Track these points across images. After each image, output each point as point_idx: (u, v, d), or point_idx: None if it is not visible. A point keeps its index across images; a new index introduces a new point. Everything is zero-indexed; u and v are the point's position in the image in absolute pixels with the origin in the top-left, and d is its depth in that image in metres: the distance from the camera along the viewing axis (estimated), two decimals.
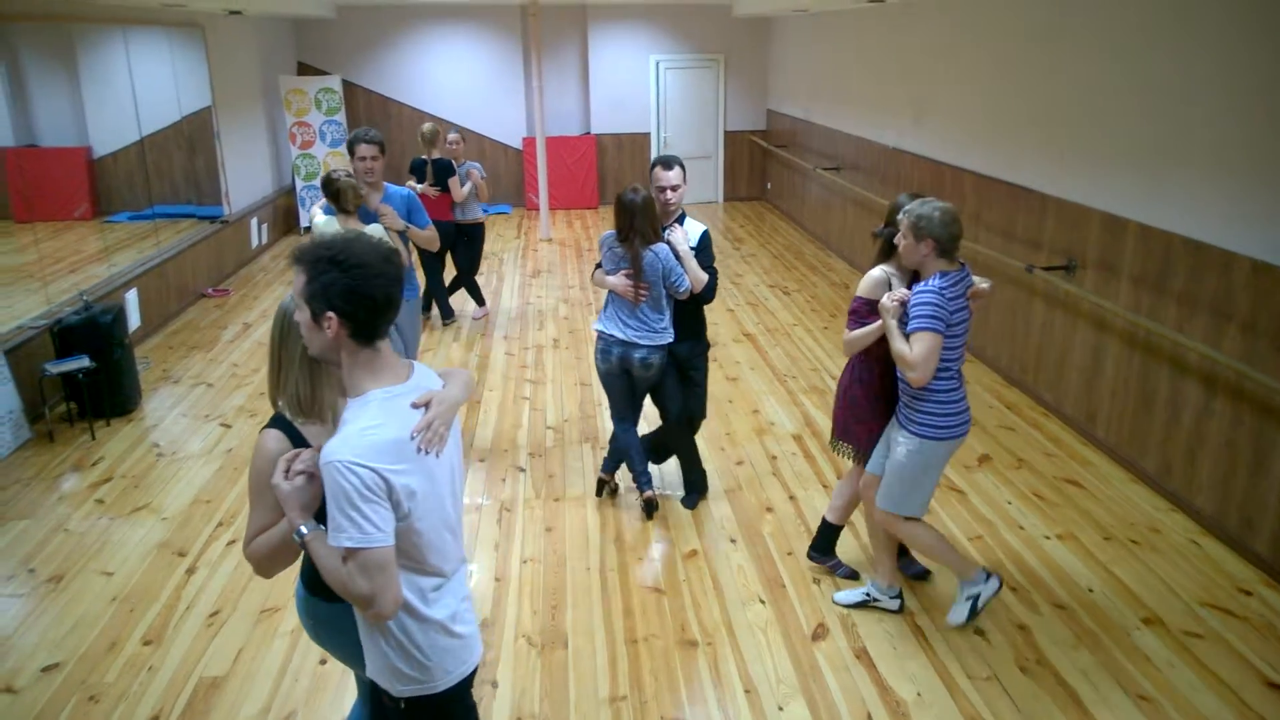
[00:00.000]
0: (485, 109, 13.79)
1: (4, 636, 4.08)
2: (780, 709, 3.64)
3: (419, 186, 7.93)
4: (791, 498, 5.27)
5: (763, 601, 4.33)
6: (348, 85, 13.25)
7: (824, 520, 4.51)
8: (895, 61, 9.07)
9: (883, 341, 3.87)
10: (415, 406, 2.21)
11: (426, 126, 8.13)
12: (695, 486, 5.27)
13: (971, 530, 4.91)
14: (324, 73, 13.17)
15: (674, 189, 4.73)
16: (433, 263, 8.21)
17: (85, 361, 6.06)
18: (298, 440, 2.33)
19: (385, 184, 5.60)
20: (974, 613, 4.03)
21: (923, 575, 4.50)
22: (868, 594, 4.25)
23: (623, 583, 4.48)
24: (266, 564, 2.36)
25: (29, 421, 6.05)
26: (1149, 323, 5.15)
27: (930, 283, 3.72)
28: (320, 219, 5.36)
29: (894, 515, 3.98)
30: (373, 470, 2.05)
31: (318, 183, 5.39)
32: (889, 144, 9.22)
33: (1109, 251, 5.60)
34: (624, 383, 4.95)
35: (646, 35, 13.72)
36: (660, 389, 4.96)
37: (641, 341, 4.77)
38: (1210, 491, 4.86)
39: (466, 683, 2.43)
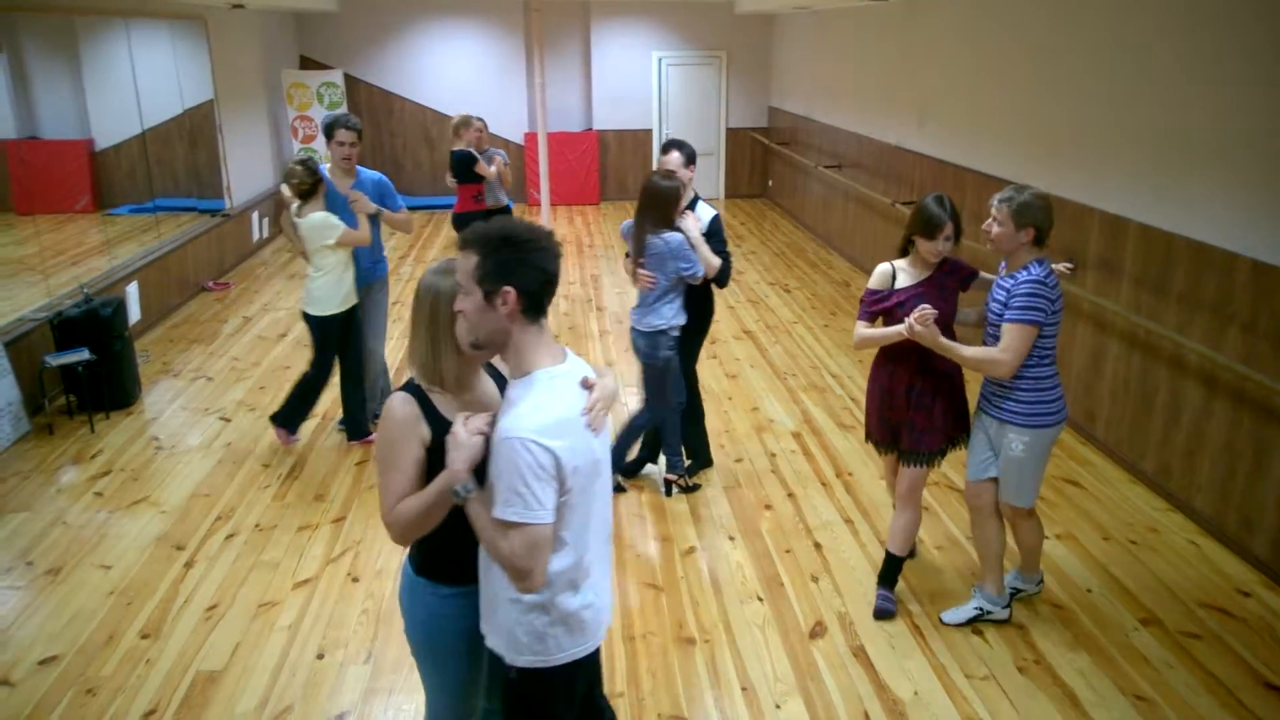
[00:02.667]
0: (487, 104, 13.70)
1: (1, 629, 4.08)
2: (778, 707, 3.64)
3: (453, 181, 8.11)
4: (790, 495, 5.26)
5: (761, 599, 4.32)
6: (350, 79, 13.25)
7: (888, 554, 4.25)
8: (898, 60, 9.06)
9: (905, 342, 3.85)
10: (585, 386, 2.30)
11: (456, 117, 8.18)
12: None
13: (970, 531, 4.89)
14: (326, 67, 13.17)
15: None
16: None
17: (85, 354, 6.06)
18: (425, 403, 2.39)
19: (358, 168, 5.66)
20: (971, 622, 4.09)
21: (910, 554, 4.51)
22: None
23: (620, 579, 4.48)
24: (414, 528, 2.36)
25: (28, 414, 6.05)
26: (1149, 323, 5.14)
27: (1033, 271, 3.67)
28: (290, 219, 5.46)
29: (1026, 510, 3.92)
30: (547, 449, 2.13)
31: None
32: (891, 142, 9.21)
33: (1109, 251, 5.59)
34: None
35: (648, 31, 13.70)
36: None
37: (638, 326, 4.93)
38: (1209, 492, 4.85)
39: (579, 665, 2.43)
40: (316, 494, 5.27)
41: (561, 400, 2.23)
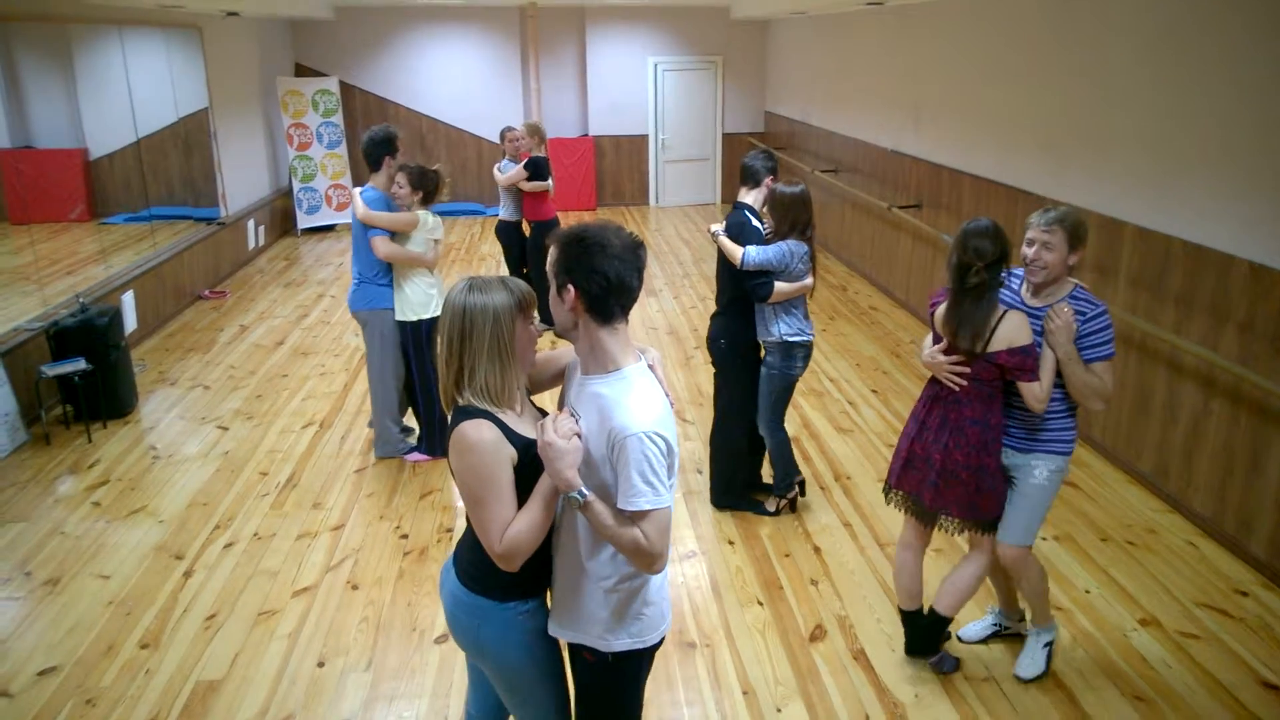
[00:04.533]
0: (483, 111, 13.77)
1: (0, 640, 4.08)
2: (778, 710, 3.63)
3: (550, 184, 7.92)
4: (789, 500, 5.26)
5: (761, 603, 4.32)
6: (345, 87, 13.24)
7: (933, 610, 3.74)
8: (894, 64, 9.08)
9: (1006, 387, 3.43)
10: (651, 368, 2.41)
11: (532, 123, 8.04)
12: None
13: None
14: (321, 74, 13.16)
15: None
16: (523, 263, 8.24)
17: (81, 364, 6.04)
18: (498, 424, 2.32)
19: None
20: (1049, 662, 3.79)
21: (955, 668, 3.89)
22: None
23: None
24: (531, 548, 2.33)
25: (25, 424, 6.03)
26: (1146, 325, 5.15)
27: (1082, 296, 3.33)
28: (430, 218, 5.40)
29: (1028, 550, 3.58)
30: (664, 438, 2.24)
31: (398, 181, 5.35)
32: (887, 146, 9.23)
33: (1106, 254, 5.61)
34: None
35: (644, 37, 13.72)
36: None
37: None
38: (1207, 493, 4.86)
39: (660, 643, 2.59)
40: (315, 502, 5.26)
41: (656, 392, 2.32)
